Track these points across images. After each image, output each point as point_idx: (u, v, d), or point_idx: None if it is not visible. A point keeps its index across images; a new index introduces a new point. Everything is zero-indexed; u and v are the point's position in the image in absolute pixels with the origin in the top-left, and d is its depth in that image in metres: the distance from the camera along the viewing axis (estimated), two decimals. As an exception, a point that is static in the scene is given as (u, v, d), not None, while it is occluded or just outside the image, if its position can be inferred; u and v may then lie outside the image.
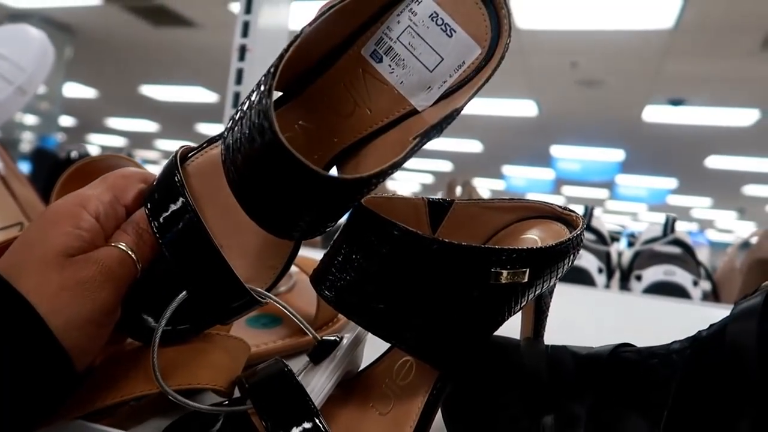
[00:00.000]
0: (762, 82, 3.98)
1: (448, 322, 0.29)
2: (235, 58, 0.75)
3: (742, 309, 0.25)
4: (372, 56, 0.35)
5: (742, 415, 0.23)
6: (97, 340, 0.31)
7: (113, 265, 0.31)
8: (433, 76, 0.34)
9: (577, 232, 0.33)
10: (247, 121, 0.27)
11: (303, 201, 0.28)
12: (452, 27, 0.33)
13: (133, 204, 0.34)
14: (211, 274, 0.32)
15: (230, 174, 0.29)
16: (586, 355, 0.31)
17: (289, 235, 0.31)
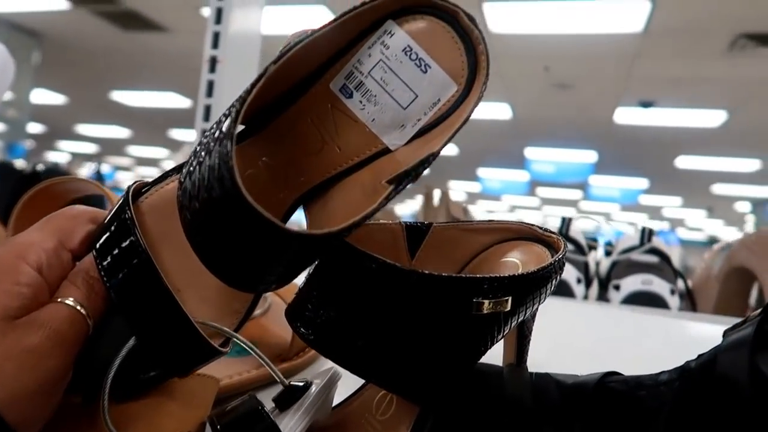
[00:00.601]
0: (729, 83, 4.07)
1: (430, 356, 0.28)
2: (206, 70, 0.72)
3: (732, 341, 0.24)
4: (341, 91, 0.33)
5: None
6: (45, 410, 0.27)
7: (62, 327, 0.27)
8: (407, 114, 0.32)
9: (559, 256, 0.32)
10: (206, 165, 0.25)
11: (267, 257, 0.26)
12: (427, 62, 0.32)
13: (81, 247, 0.31)
14: (164, 321, 0.30)
15: (186, 221, 0.27)
16: (571, 385, 0.30)
17: (254, 288, 0.29)
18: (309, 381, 0.33)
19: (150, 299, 0.29)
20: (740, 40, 3.37)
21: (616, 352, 0.57)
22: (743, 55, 3.54)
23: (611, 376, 0.30)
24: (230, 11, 0.74)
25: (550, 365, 0.35)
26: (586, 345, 0.58)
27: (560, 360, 0.51)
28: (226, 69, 0.73)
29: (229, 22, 0.74)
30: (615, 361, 0.54)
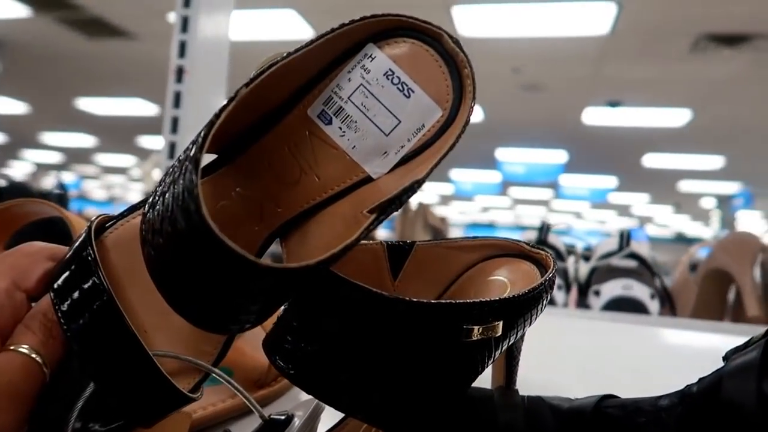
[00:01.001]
0: (692, 83, 4.16)
1: (418, 388, 0.27)
2: (172, 80, 0.70)
3: (738, 365, 0.23)
4: (320, 117, 0.31)
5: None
6: None
7: (15, 379, 0.25)
8: (390, 141, 0.30)
9: (550, 275, 0.31)
10: (171, 197, 0.23)
11: (239, 295, 0.24)
12: (410, 86, 0.30)
13: (37, 287, 0.28)
14: (127, 366, 0.27)
15: (149, 258, 0.25)
16: (567, 410, 0.29)
17: (226, 330, 0.27)
18: (290, 414, 0.31)
19: (112, 343, 0.27)
20: (702, 41, 3.45)
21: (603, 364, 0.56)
22: (705, 55, 3.62)
23: (607, 400, 0.28)
24: (197, 19, 0.72)
25: (535, 381, 0.34)
26: (572, 357, 0.57)
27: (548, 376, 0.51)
28: (193, 79, 0.71)
29: (196, 31, 0.72)
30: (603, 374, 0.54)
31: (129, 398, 0.28)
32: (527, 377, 0.34)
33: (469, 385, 0.29)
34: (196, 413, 0.36)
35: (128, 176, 10.82)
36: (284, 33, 3.57)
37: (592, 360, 0.58)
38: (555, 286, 0.77)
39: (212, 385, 0.41)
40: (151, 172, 4.39)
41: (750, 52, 3.48)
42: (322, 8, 3.29)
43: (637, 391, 0.30)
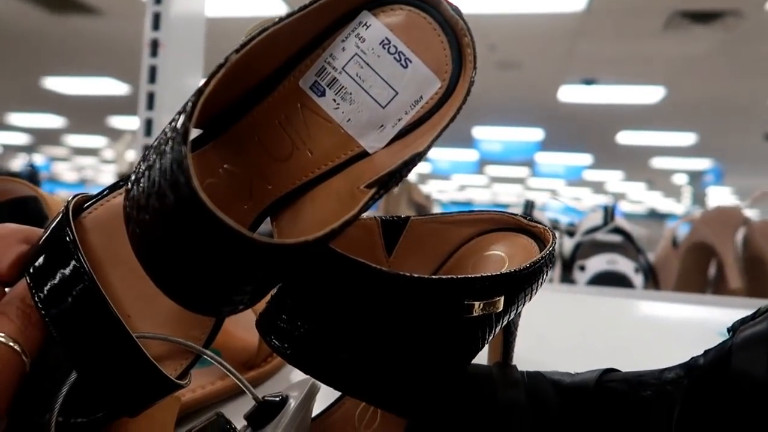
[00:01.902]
0: (665, 61, 4.19)
1: (419, 365, 0.26)
2: (147, 54, 0.67)
3: (748, 336, 0.23)
4: (312, 89, 0.29)
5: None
6: None
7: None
8: (386, 113, 0.29)
9: (550, 248, 0.30)
10: (157, 171, 0.22)
11: (232, 274, 0.22)
12: (407, 56, 0.29)
13: (11, 272, 0.27)
14: (112, 353, 0.26)
15: (134, 237, 0.23)
16: (569, 385, 0.28)
17: (218, 312, 0.26)
18: (285, 395, 0.30)
19: (95, 329, 0.26)
20: (675, 18, 3.47)
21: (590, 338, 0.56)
22: (678, 32, 3.65)
23: (609, 374, 0.28)
24: (171, -11, 0.69)
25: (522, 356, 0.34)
26: (559, 332, 0.57)
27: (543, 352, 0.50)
28: (169, 53, 0.68)
29: (171, 2, 0.69)
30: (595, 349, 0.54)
31: (113, 386, 0.27)
32: (516, 354, 0.33)
33: (469, 362, 0.28)
34: (185, 396, 0.35)
35: (100, 158, 10.58)
36: (260, 9, 3.49)
37: (579, 335, 0.58)
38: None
39: (201, 367, 0.40)
40: (124, 153, 4.29)
41: (721, 29, 3.52)
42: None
43: (627, 364, 0.30)
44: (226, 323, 0.45)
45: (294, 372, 0.46)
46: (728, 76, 4.39)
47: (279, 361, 0.44)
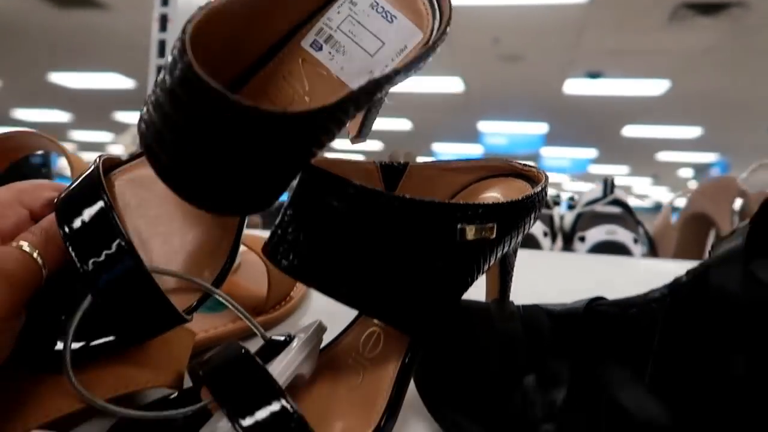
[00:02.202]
0: (670, 53, 4.18)
1: (416, 285, 0.28)
2: (154, 56, 0.69)
3: (724, 253, 0.25)
4: (312, 46, 0.34)
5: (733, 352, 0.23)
6: None
7: (10, 266, 0.26)
8: (375, 61, 0.33)
9: (542, 186, 0.32)
10: (166, 80, 0.25)
11: (255, 149, 0.25)
12: (393, 14, 0.33)
13: (41, 211, 0.30)
14: (125, 279, 0.28)
15: (162, 155, 0.26)
16: (561, 312, 0.30)
17: (241, 206, 0.28)
18: (291, 335, 0.32)
19: (113, 259, 0.28)
20: (680, 11, 3.46)
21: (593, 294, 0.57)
22: (683, 25, 3.64)
23: (598, 300, 0.30)
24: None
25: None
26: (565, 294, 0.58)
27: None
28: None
29: (177, 4, 0.71)
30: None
31: (125, 313, 0.29)
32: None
33: (465, 288, 0.30)
34: (198, 335, 0.37)
35: (106, 153, 10.62)
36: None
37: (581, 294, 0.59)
38: (542, 234, 0.79)
39: (212, 312, 0.42)
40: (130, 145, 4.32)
41: (727, 21, 3.51)
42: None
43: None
44: (232, 277, 0.48)
45: (302, 318, 0.48)
46: (734, 68, 4.37)
47: (286, 309, 0.46)
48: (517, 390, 0.28)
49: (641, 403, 0.25)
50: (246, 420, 0.26)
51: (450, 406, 0.29)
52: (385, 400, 0.29)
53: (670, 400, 0.24)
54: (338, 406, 0.30)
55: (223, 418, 0.27)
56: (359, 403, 0.30)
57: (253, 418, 0.26)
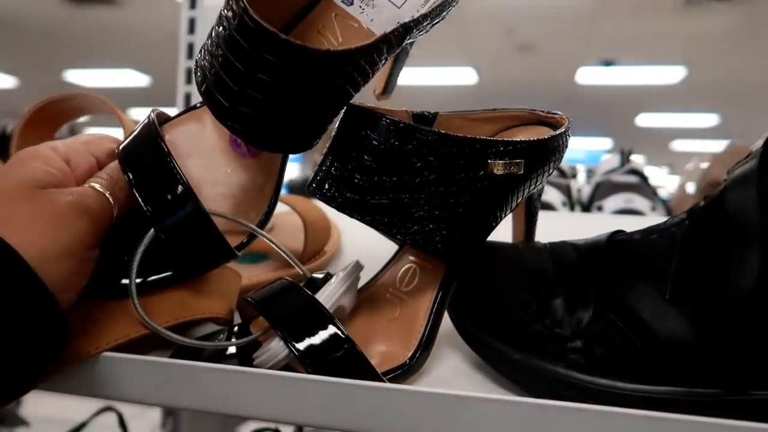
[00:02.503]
0: (686, 39, 4.14)
1: (450, 215, 0.30)
2: (183, 58, 0.73)
3: (738, 175, 0.27)
4: (343, 1, 0.37)
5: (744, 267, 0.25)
6: (77, 277, 0.28)
7: (87, 201, 0.29)
8: (402, 12, 0.36)
9: (565, 127, 0.34)
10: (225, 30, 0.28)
11: (303, 87, 0.28)
12: None
13: (106, 159, 0.33)
14: (184, 214, 0.31)
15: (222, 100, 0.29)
16: (585, 244, 0.32)
17: (292, 144, 0.30)
18: (329, 273, 0.34)
19: (175, 200, 0.31)
20: (696, -6, 3.43)
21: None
22: (699, 9, 3.60)
23: (620, 232, 0.32)
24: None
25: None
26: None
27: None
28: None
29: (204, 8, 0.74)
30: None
31: (185, 250, 0.32)
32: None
33: (496, 222, 0.32)
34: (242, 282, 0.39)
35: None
36: None
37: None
38: (561, 203, 0.80)
39: (253, 264, 0.45)
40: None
41: (744, 4, 3.47)
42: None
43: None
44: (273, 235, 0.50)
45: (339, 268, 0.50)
46: (751, 54, 4.32)
47: (321, 262, 0.48)
48: (547, 313, 0.30)
49: (662, 317, 0.27)
50: (301, 343, 0.28)
51: (485, 333, 0.31)
52: (423, 329, 0.32)
53: (688, 313, 0.26)
54: (378, 335, 0.32)
55: (273, 344, 0.29)
56: (398, 332, 0.32)
57: (308, 341, 0.28)
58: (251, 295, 0.32)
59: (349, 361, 0.28)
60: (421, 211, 0.29)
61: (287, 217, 0.53)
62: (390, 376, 0.30)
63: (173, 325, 0.31)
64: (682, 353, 0.26)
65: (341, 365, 0.28)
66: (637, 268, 0.28)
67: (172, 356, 0.32)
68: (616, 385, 0.27)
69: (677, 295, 0.27)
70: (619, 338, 0.27)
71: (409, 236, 0.30)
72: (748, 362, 0.25)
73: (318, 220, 0.49)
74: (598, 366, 0.27)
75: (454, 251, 0.31)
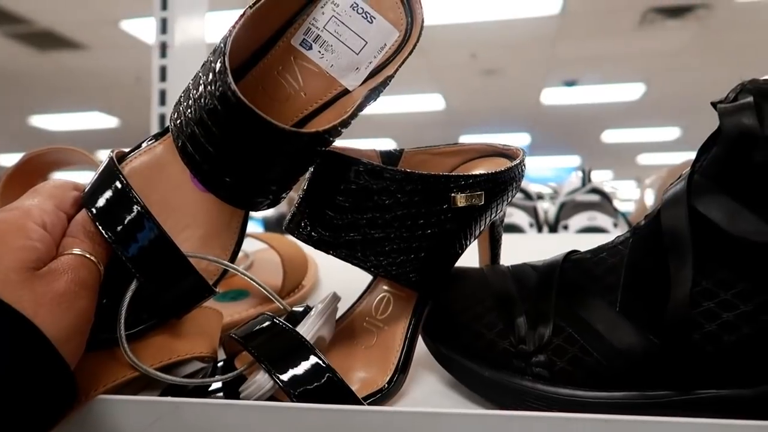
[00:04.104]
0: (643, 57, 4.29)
1: (419, 246, 0.32)
2: (156, 56, 0.74)
3: (669, 196, 0.29)
4: (302, 45, 0.38)
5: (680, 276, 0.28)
6: (80, 350, 0.30)
7: (82, 274, 0.30)
8: (360, 58, 0.37)
9: (520, 159, 0.37)
10: (204, 98, 0.29)
11: (271, 159, 0.30)
12: (372, 15, 0.37)
13: (72, 210, 0.33)
14: (163, 261, 0.32)
15: (197, 156, 0.31)
16: (543, 265, 0.34)
17: (257, 201, 0.32)
18: (309, 306, 0.36)
19: (148, 243, 0.32)
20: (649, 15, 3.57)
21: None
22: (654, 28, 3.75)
23: (574, 252, 0.34)
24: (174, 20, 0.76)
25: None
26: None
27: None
28: (176, 54, 0.75)
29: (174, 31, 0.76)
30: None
31: (160, 285, 0.33)
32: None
33: (461, 250, 0.34)
34: (224, 319, 0.41)
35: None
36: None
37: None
38: (528, 224, 0.83)
39: (232, 301, 0.46)
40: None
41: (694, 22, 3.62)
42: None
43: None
44: (252, 273, 0.52)
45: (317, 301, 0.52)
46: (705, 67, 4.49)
47: (300, 296, 0.50)
48: (511, 331, 0.32)
49: (614, 328, 0.29)
50: (285, 374, 0.30)
51: (455, 352, 0.33)
52: (398, 354, 0.34)
53: (637, 323, 0.29)
54: (357, 362, 0.34)
55: (258, 377, 0.31)
56: (375, 358, 0.34)
57: (292, 372, 0.30)
58: (235, 331, 0.34)
59: (331, 389, 0.30)
60: (393, 244, 0.32)
61: (265, 253, 0.55)
62: (370, 401, 0.32)
63: (159, 367, 0.33)
64: (634, 360, 0.28)
65: (324, 393, 0.30)
66: (590, 284, 0.31)
67: (162, 394, 0.33)
68: (577, 394, 0.29)
69: (626, 307, 0.29)
70: (577, 350, 0.30)
71: (381, 269, 0.32)
72: (693, 365, 0.28)
73: (295, 256, 0.51)
74: (560, 377, 0.30)
75: (424, 280, 0.33)
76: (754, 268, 0.27)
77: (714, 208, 0.27)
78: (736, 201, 0.27)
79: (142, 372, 0.31)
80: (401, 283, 0.33)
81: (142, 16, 3.42)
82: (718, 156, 0.28)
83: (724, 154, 0.28)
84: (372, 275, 0.38)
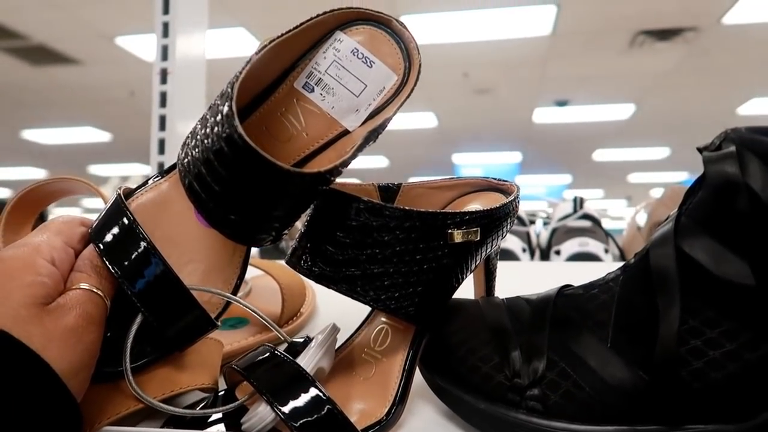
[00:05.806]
0: (633, 78, 4.36)
1: (416, 281, 0.33)
2: (157, 82, 0.75)
3: (658, 237, 0.31)
4: (304, 88, 0.40)
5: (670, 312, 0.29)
6: (86, 384, 0.30)
7: (88, 307, 0.31)
8: (360, 101, 0.39)
9: (515, 195, 0.38)
10: (212, 139, 0.31)
11: (275, 198, 0.31)
12: (371, 59, 0.39)
13: (80, 246, 0.35)
14: (167, 295, 0.33)
15: (203, 194, 0.32)
16: (537, 299, 0.36)
17: (260, 237, 0.33)
18: (309, 336, 0.37)
19: (154, 279, 0.33)
20: (639, 37, 3.63)
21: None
22: (643, 50, 3.82)
23: (567, 287, 0.36)
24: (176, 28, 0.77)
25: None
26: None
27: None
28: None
29: (176, 39, 0.78)
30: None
31: (163, 318, 0.34)
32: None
33: (458, 284, 0.35)
34: (225, 348, 0.41)
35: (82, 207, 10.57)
36: (235, 50, 3.58)
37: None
38: (521, 250, 0.84)
39: (233, 329, 0.47)
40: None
41: (682, 44, 3.69)
42: (271, 24, 3.34)
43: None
44: (251, 300, 0.52)
45: (313, 332, 0.52)
46: (693, 88, 4.56)
47: (298, 324, 0.51)
48: (506, 364, 0.33)
49: (606, 363, 0.30)
50: (286, 406, 0.30)
51: (451, 384, 0.34)
52: (397, 385, 0.35)
53: (628, 358, 0.30)
54: (356, 394, 0.35)
55: (260, 408, 0.32)
56: (374, 390, 0.35)
57: (293, 404, 0.31)
58: (236, 363, 0.34)
59: (331, 421, 0.30)
60: (391, 279, 0.33)
61: (263, 280, 0.56)
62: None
63: (161, 399, 0.33)
64: (625, 395, 0.29)
65: (324, 425, 0.30)
66: (583, 320, 0.32)
67: (164, 426, 0.34)
68: (570, 428, 0.30)
69: (617, 343, 0.31)
70: (570, 385, 0.31)
71: (381, 303, 0.33)
72: (681, 401, 0.29)
73: (293, 283, 0.52)
74: (554, 411, 0.31)
75: (422, 313, 0.34)
76: (738, 308, 0.28)
77: (700, 249, 0.29)
78: (720, 244, 0.28)
79: (146, 404, 0.32)
80: (399, 317, 0.34)
81: (136, 33, 3.45)
82: (703, 200, 0.30)
83: (709, 199, 0.29)
84: (371, 307, 0.39)
